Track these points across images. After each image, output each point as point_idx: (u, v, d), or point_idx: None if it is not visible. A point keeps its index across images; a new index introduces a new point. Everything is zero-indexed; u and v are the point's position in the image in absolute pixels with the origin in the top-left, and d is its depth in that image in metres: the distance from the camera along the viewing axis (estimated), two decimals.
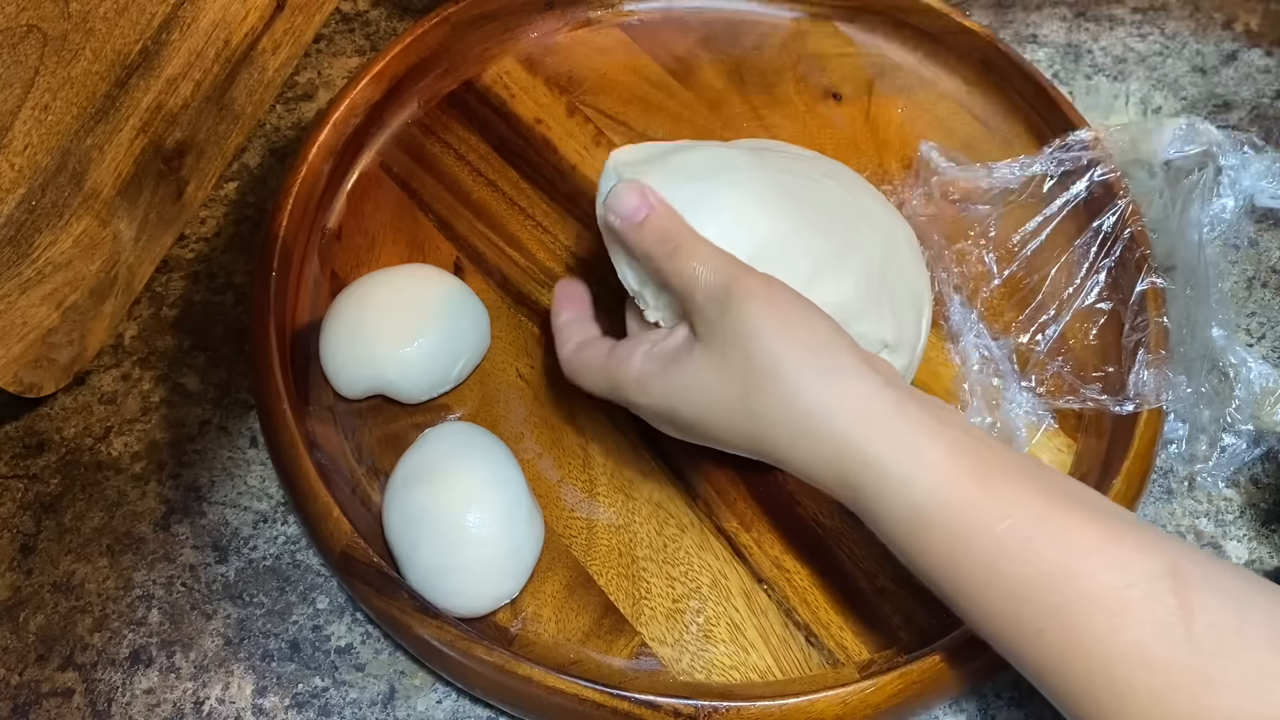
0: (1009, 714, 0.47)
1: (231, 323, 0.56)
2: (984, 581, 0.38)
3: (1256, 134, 0.55)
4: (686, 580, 0.48)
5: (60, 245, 0.51)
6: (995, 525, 0.38)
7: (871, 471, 0.39)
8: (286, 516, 0.51)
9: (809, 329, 0.41)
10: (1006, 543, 0.37)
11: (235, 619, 0.49)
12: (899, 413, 0.40)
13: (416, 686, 0.47)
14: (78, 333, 0.53)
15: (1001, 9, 0.67)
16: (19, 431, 0.53)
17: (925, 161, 0.57)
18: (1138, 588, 0.36)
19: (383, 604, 0.45)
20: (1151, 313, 0.51)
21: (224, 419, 0.54)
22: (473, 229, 0.58)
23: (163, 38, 0.53)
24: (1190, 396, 0.51)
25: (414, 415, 0.52)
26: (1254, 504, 0.52)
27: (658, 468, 0.51)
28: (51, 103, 0.48)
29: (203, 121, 0.58)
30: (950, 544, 0.38)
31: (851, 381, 0.40)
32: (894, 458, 0.39)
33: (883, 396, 0.40)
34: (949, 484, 0.38)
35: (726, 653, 0.47)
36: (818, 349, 0.41)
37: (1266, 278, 0.58)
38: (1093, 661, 0.36)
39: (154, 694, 0.47)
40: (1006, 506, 0.38)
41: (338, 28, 0.67)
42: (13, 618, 0.49)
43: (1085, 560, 0.37)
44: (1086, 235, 0.55)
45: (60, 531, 0.51)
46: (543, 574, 0.48)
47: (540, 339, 0.55)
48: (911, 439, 0.39)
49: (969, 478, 0.38)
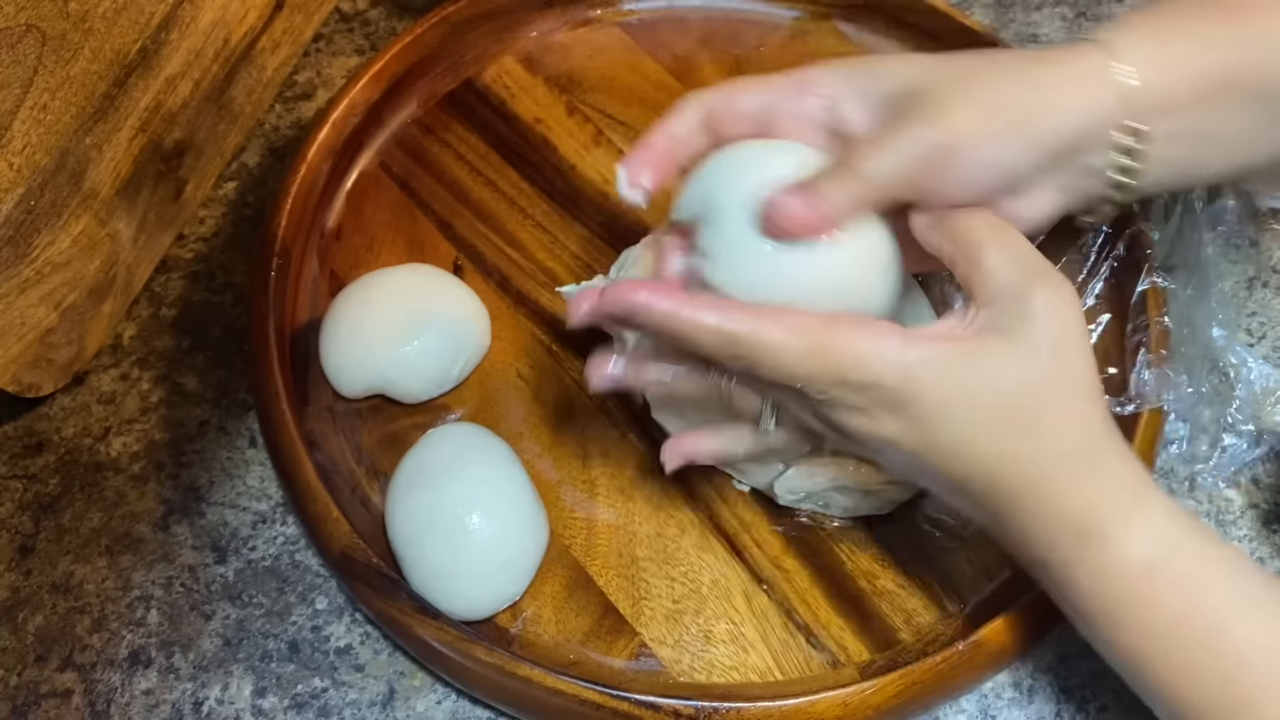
0: (1009, 714, 0.47)
1: (231, 323, 0.56)
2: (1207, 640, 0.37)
3: None
4: (686, 580, 0.48)
5: (59, 245, 0.50)
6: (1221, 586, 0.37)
7: (1117, 521, 0.38)
8: (286, 517, 0.51)
9: (1090, 348, 0.40)
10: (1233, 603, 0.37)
11: (234, 619, 0.49)
12: (1143, 472, 0.39)
13: (416, 687, 0.47)
14: (76, 333, 0.53)
15: (1002, 8, 0.67)
16: (18, 431, 0.53)
17: None
18: None
19: (382, 604, 0.45)
20: (1152, 313, 0.51)
21: (223, 419, 0.54)
22: (473, 229, 0.58)
23: (162, 37, 0.53)
24: (1191, 396, 0.51)
25: (414, 415, 0.52)
26: (1254, 504, 0.52)
27: (658, 468, 0.51)
28: (50, 102, 0.48)
29: (201, 121, 0.58)
30: (1184, 598, 0.38)
31: (1114, 432, 0.39)
32: (1141, 511, 0.38)
33: (1128, 452, 0.39)
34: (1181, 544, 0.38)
35: (726, 653, 0.47)
36: (1097, 375, 0.39)
37: (1267, 278, 0.58)
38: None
39: (153, 694, 0.47)
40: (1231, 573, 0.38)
41: (337, 27, 0.67)
42: (11, 618, 0.49)
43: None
44: (1087, 235, 0.55)
45: (59, 532, 0.51)
46: (543, 575, 0.48)
47: (540, 339, 0.55)
48: (1155, 497, 0.39)
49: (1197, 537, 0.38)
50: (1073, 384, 0.39)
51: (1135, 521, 0.38)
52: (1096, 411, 0.39)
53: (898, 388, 0.38)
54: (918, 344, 0.38)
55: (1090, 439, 0.39)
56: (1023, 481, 0.38)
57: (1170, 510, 0.39)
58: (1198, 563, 0.38)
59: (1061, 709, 0.47)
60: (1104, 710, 0.46)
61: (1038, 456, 0.38)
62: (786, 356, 0.38)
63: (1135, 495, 0.39)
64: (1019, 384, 0.38)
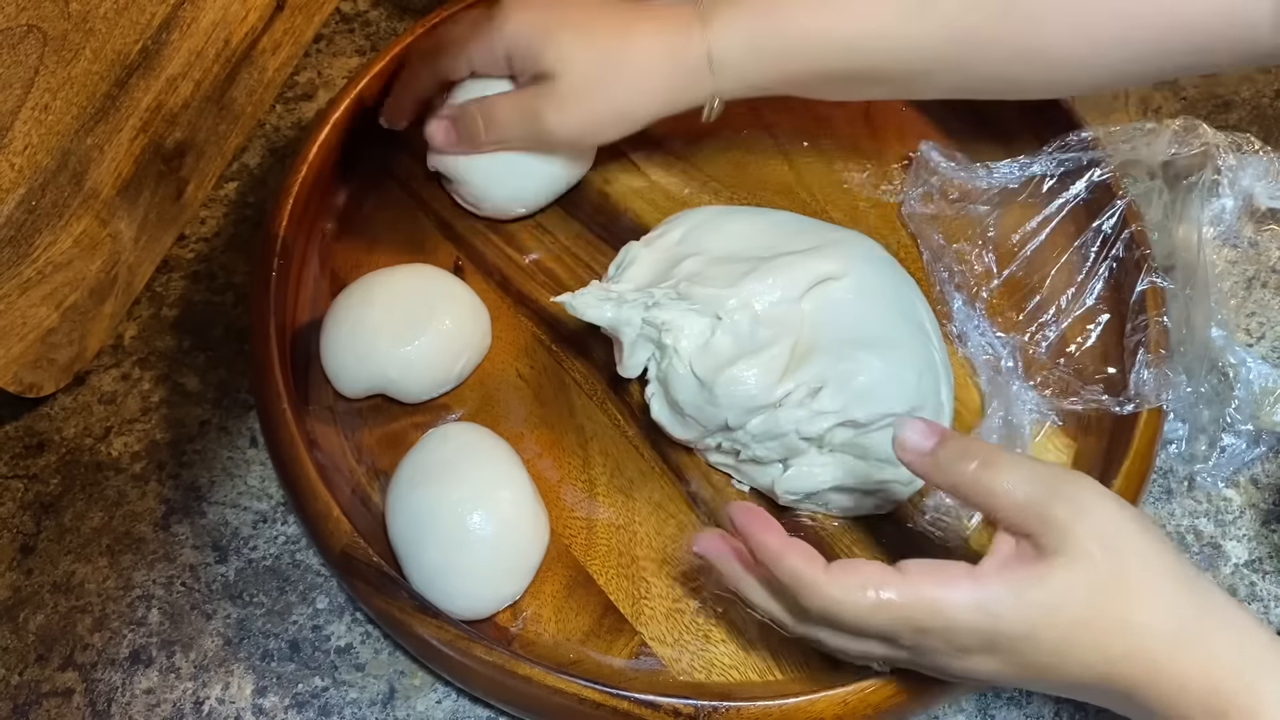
0: (1008, 713, 0.47)
1: (231, 323, 0.56)
2: None
3: (1256, 134, 0.55)
4: (687, 580, 0.48)
5: (60, 245, 0.51)
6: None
7: (1248, 692, 0.37)
8: (286, 516, 0.51)
9: (1149, 525, 0.40)
10: None
11: (235, 619, 0.49)
12: (1266, 634, 0.38)
13: (416, 686, 0.47)
14: (78, 333, 0.53)
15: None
16: (19, 431, 0.53)
17: (925, 161, 0.57)
18: None
19: (383, 603, 0.45)
20: (1151, 313, 0.51)
21: (224, 419, 0.54)
22: (473, 229, 0.58)
23: (163, 38, 0.53)
24: (1190, 396, 0.51)
25: (414, 415, 0.52)
26: (1254, 504, 0.52)
27: (658, 468, 0.51)
28: (51, 103, 0.48)
29: (203, 121, 0.58)
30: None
31: (1216, 589, 0.39)
32: (1272, 675, 0.37)
33: (1245, 616, 0.39)
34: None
35: (726, 652, 0.47)
36: (1170, 548, 0.39)
37: (1266, 278, 0.58)
38: None
39: (154, 694, 0.47)
40: None
41: (337, 28, 0.67)
42: (13, 618, 0.49)
43: None
44: (1086, 235, 0.55)
45: (60, 531, 0.51)
46: (543, 574, 0.48)
47: (541, 339, 0.55)
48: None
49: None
50: (1145, 568, 0.38)
51: (1268, 688, 0.37)
52: (1181, 585, 0.38)
53: (980, 627, 0.38)
54: (988, 581, 0.38)
55: (1191, 611, 0.38)
56: (1140, 676, 0.38)
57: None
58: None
59: (1061, 708, 0.47)
60: (1103, 711, 0.46)
61: (1143, 649, 0.38)
62: (853, 612, 0.39)
63: (1260, 662, 0.38)
64: (1091, 590, 0.38)
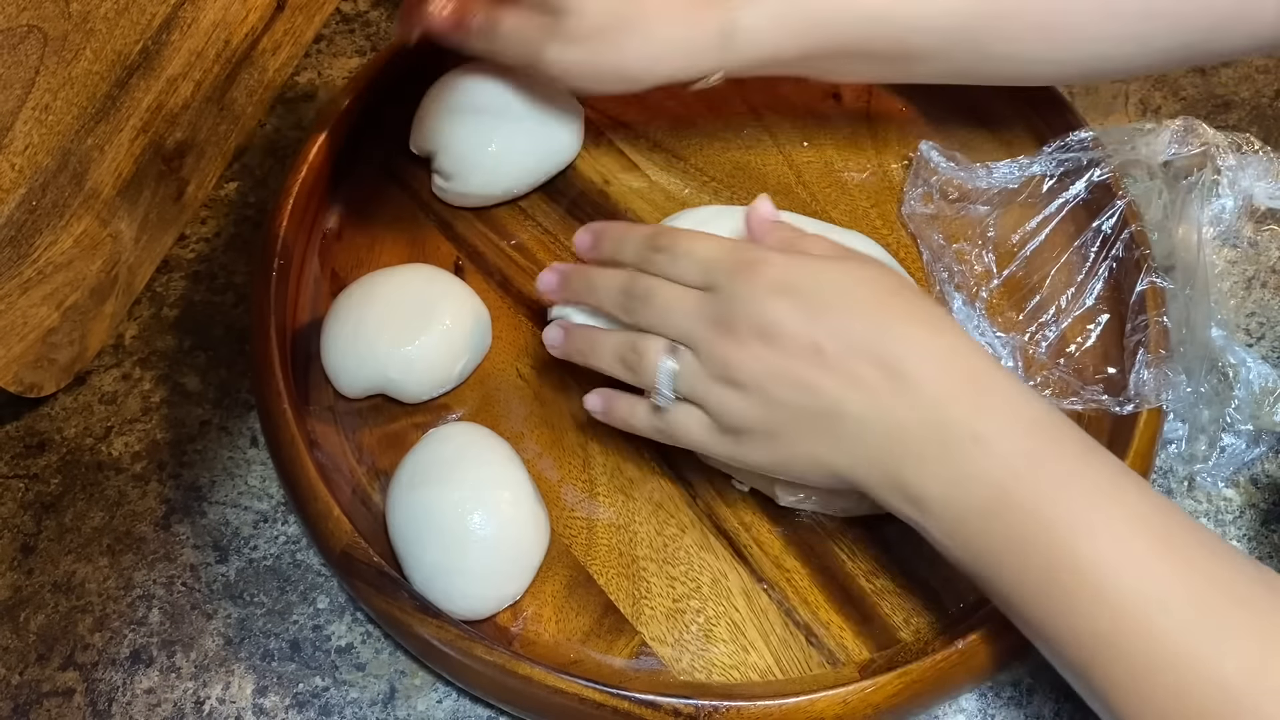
0: (1008, 713, 0.47)
1: (232, 323, 0.57)
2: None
3: (1255, 134, 0.55)
4: (687, 580, 0.48)
5: (61, 245, 0.51)
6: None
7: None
8: (287, 516, 0.51)
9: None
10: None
11: (235, 619, 0.49)
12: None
13: (417, 686, 0.47)
14: (78, 333, 0.53)
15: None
16: (19, 431, 0.53)
17: (925, 161, 0.57)
18: None
19: (383, 603, 0.45)
20: (1151, 313, 0.51)
21: (224, 419, 0.54)
22: (473, 229, 0.58)
23: (163, 38, 0.53)
24: (1190, 396, 0.51)
25: (414, 415, 0.52)
26: (1254, 504, 0.52)
27: (658, 468, 0.51)
28: (52, 103, 0.48)
29: (203, 121, 0.58)
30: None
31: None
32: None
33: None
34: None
35: (727, 652, 0.47)
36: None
37: (1266, 278, 0.58)
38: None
39: (154, 694, 0.47)
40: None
41: (338, 28, 0.67)
42: (13, 617, 0.49)
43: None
44: (1086, 235, 0.55)
45: (61, 531, 0.51)
46: (543, 574, 0.48)
47: (541, 339, 0.55)
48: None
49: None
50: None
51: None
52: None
53: (792, 261, 0.44)
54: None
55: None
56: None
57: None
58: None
59: (1060, 708, 0.47)
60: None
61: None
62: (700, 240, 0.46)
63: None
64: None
